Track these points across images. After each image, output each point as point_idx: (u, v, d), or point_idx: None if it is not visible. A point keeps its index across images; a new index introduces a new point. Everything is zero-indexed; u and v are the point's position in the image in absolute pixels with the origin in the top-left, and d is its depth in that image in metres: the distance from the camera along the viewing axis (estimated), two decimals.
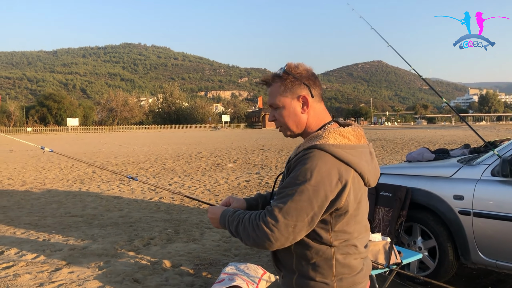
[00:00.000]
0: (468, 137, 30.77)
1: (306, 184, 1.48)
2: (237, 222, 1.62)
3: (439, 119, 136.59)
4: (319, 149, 1.54)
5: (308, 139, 1.65)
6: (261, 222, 1.52)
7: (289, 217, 1.48)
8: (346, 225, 1.60)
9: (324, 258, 1.60)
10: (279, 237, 1.50)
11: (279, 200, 1.53)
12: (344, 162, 1.54)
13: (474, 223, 3.80)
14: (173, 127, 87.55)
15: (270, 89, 1.72)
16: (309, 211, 1.49)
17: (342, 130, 1.62)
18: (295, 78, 1.66)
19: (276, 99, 1.69)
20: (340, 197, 1.52)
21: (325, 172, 1.50)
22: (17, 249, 5.64)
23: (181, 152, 22.75)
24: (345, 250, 1.62)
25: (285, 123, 1.70)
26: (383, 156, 18.35)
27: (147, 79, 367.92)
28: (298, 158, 1.57)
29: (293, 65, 1.69)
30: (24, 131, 69.07)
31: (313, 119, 1.69)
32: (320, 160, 1.51)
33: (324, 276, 1.60)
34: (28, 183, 11.98)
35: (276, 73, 1.71)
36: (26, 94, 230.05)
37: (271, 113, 1.75)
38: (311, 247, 1.60)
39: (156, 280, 4.44)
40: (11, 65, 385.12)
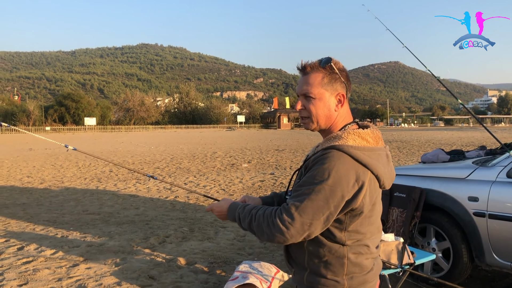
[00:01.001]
0: (486, 139, 30.33)
1: (323, 183, 1.50)
2: (250, 218, 1.64)
3: (456, 121, 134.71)
4: (337, 149, 1.55)
5: (327, 139, 1.66)
6: (277, 220, 1.53)
7: (305, 215, 1.50)
8: (360, 225, 1.61)
9: (336, 256, 1.61)
10: (294, 234, 1.52)
11: (295, 198, 1.55)
12: (362, 163, 1.55)
13: (489, 224, 3.78)
14: (188, 127, 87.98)
15: (308, 77, 1.68)
16: (325, 210, 1.51)
17: (362, 132, 1.63)
18: (338, 74, 1.66)
19: (314, 88, 1.66)
20: (356, 198, 1.54)
21: (343, 172, 1.51)
22: (37, 244, 5.77)
23: (197, 152, 22.88)
24: (357, 249, 1.64)
25: (316, 115, 1.68)
26: (399, 157, 18.22)
27: (164, 79, 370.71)
28: (316, 158, 1.58)
29: (336, 61, 1.68)
30: (43, 130, 70.12)
31: (340, 119, 1.70)
32: (338, 160, 1.52)
33: (335, 274, 1.62)
34: (47, 181, 12.20)
35: (320, 63, 1.68)
36: (45, 94, 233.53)
37: (301, 102, 1.72)
38: (324, 245, 1.62)
39: (171, 277, 4.51)
40: (30, 65, 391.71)
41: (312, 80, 1.67)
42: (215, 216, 7.32)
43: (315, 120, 1.69)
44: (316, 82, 1.66)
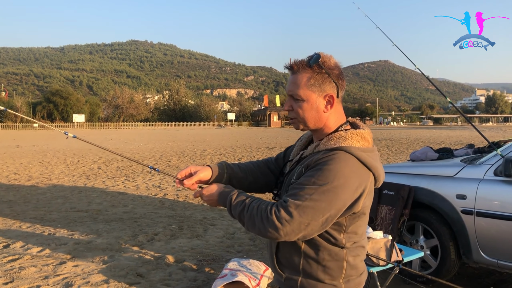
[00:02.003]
0: (474, 137, 30.62)
1: (327, 185, 1.44)
2: (242, 208, 1.55)
3: (445, 120, 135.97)
4: (345, 151, 1.50)
5: (329, 138, 1.58)
6: (273, 215, 1.45)
7: (304, 215, 1.43)
8: (358, 227, 1.59)
9: (336, 260, 1.56)
10: (289, 232, 1.45)
11: (296, 196, 1.46)
12: (366, 166, 1.51)
13: (477, 222, 3.81)
14: (178, 125, 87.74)
15: (295, 77, 1.59)
16: (325, 212, 1.45)
17: (364, 133, 1.58)
18: (327, 73, 1.56)
19: (300, 90, 1.58)
20: (358, 202, 1.49)
21: (348, 175, 1.46)
22: (23, 242, 5.70)
23: (186, 149, 22.81)
24: (356, 251, 1.60)
25: (303, 117, 1.61)
26: (388, 155, 18.32)
27: (153, 77, 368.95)
28: (320, 158, 1.51)
29: (326, 57, 1.58)
30: (31, 127, 69.42)
31: (333, 119, 1.63)
32: (345, 162, 1.47)
33: (333, 278, 1.57)
34: (34, 178, 12.07)
35: (307, 62, 1.58)
36: (33, 90, 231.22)
37: (289, 103, 1.64)
38: (323, 248, 1.56)
39: (160, 275, 4.49)
40: (18, 61, 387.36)
41: (299, 81, 1.58)
42: (204, 214, 7.33)
43: (302, 122, 1.63)
44: (302, 83, 1.57)
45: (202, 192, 1.72)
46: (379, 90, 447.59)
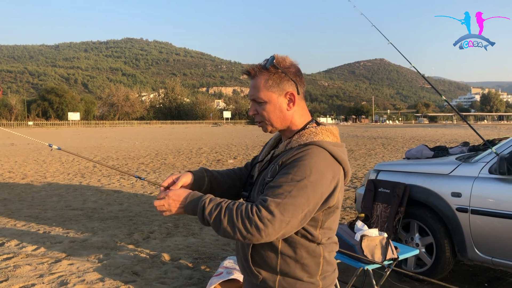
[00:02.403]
0: (469, 136, 30.75)
1: (305, 180, 1.45)
2: (219, 211, 1.48)
3: (440, 118, 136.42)
4: (317, 145, 1.53)
5: (300, 135, 1.60)
6: (255, 216, 1.42)
7: (285, 213, 1.42)
8: (332, 222, 1.60)
9: (313, 256, 1.57)
10: (271, 233, 1.42)
11: (275, 194, 1.45)
12: (337, 160, 1.54)
13: (471, 220, 3.83)
14: (174, 123, 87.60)
15: (254, 81, 1.62)
16: (304, 207, 1.45)
17: (332, 129, 1.63)
18: (283, 73, 1.60)
19: (261, 93, 1.61)
20: (333, 195, 1.52)
21: (323, 169, 1.49)
22: (18, 241, 5.68)
23: (182, 147, 22.78)
24: (330, 247, 1.63)
25: (269, 118, 1.63)
26: (384, 154, 18.38)
27: (149, 74, 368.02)
28: (294, 154, 1.53)
29: (280, 58, 1.62)
30: (26, 125, 69.11)
31: (298, 116, 1.65)
32: (318, 156, 1.50)
33: (311, 275, 1.57)
34: (29, 176, 12.02)
35: (263, 65, 1.62)
36: (27, 88, 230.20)
37: (253, 107, 1.66)
38: (301, 246, 1.56)
39: (155, 273, 4.48)
40: (12, 58, 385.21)
41: (258, 84, 1.61)
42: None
43: (269, 123, 1.65)
44: (261, 86, 1.60)
45: (168, 194, 1.57)
46: (374, 88, 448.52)
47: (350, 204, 7.91)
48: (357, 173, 12.14)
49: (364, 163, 14.77)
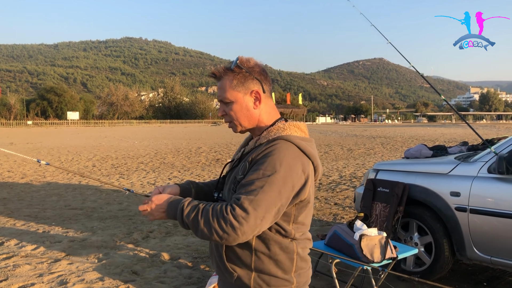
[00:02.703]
0: (468, 135, 30.78)
1: (276, 175, 1.46)
2: (196, 213, 1.49)
3: (439, 117, 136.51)
4: (285, 139, 1.55)
5: (268, 131, 1.63)
6: (229, 215, 1.42)
7: (259, 209, 1.42)
8: (305, 217, 1.61)
9: (287, 252, 1.57)
10: (246, 231, 1.42)
11: (247, 192, 1.46)
12: (306, 154, 1.56)
13: (470, 219, 3.84)
14: (173, 122, 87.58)
15: (221, 83, 1.66)
16: (277, 202, 1.46)
17: (300, 124, 1.65)
18: (247, 72, 1.63)
19: (227, 93, 1.64)
20: (304, 188, 1.53)
21: (292, 163, 1.50)
22: (17, 240, 5.68)
23: (181, 147, 22.77)
24: (303, 243, 1.63)
25: (237, 118, 1.66)
26: (383, 153, 18.39)
27: (148, 74, 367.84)
28: (263, 150, 1.54)
29: (244, 59, 1.65)
30: (25, 124, 69.06)
31: (265, 114, 1.68)
32: (287, 150, 1.52)
33: (286, 272, 1.58)
34: (28, 175, 12.02)
35: (227, 67, 1.66)
36: (26, 87, 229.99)
37: (221, 108, 1.69)
38: (274, 242, 1.56)
39: (155, 272, 4.49)
40: (11, 58, 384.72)
41: (224, 85, 1.64)
42: None
43: (237, 123, 1.67)
44: (227, 86, 1.63)
45: (151, 199, 1.62)
46: (373, 87, 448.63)
47: (349, 204, 7.92)
48: (356, 172, 12.15)
49: (363, 162, 14.78)
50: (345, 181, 10.53)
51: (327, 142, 26.47)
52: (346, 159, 15.94)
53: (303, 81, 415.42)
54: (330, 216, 7.04)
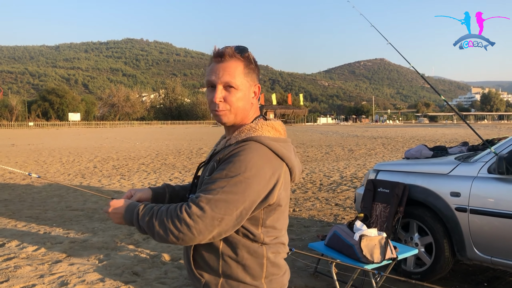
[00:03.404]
0: (469, 135, 30.75)
1: (239, 176, 1.38)
2: (150, 216, 1.43)
3: (441, 118, 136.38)
4: (255, 141, 1.46)
5: (240, 131, 1.54)
6: (184, 213, 1.36)
7: (217, 209, 1.36)
8: (276, 221, 1.52)
9: (255, 257, 1.49)
10: (202, 230, 1.35)
11: (207, 191, 1.40)
12: (278, 155, 1.48)
13: (470, 219, 3.84)
14: (174, 123, 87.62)
15: (227, 65, 1.51)
16: (239, 204, 1.38)
17: (274, 123, 1.56)
18: (254, 65, 1.56)
19: (237, 78, 1.51)
20: (272, 192, 1.44)
21: (260, 165, 1.42)
22: (18, 241, 5.69)
23: (182, 148, 22.79)
24: (275, 248, 1.54)
25: (237, 107, 1.53)
26: (384, 153, 18.38)
27: (149, 75, 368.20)
28: (231, 150, 1.46)
29: (250, 52, 1.57)
30: (26, 126, 69.16)
31: (252, 112, 1.60)
32: (256, 152, 1.43)
33: (255, 278, 1.49)
34: (30, 176, 12.03)
35: (241, 49, 1.54)
36: (28, 89, 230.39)
37: (220, 93, 1.51)
38: (242, 246, 1.48)
39: (155, 273, 4.49)
40: (13, 59, 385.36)
41: (233, 69, 1.50)
42: None
43: (234, 112, 1.53)
44: (238, 71, 1.51)
45: (109, 203, 1.57)
46: (375, 88, 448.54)
47: (350, 204, 7.92)
48: (357, 173, 12.15)
49: (364, 163, 14.78)
50: (346, 182, 10.52)
51: (328, 142, 26.47)
52: (347, 160, 15.93)
53: (304, 81, 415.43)
54: (330, 217, 7.04)
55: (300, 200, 8.39)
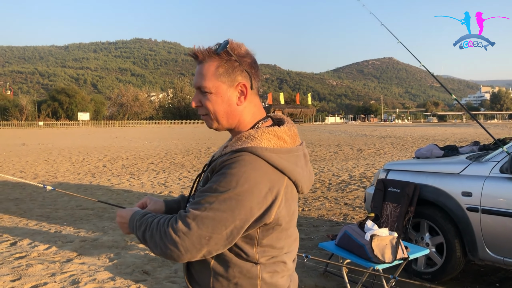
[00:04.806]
0: (479, 135, 30.51)
1: (229, 192, 1.24)
2: (145, 227, 1.35)
3: (450, 117, 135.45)
4: (250, 152, 1.29)
5: (238, 138, 1.38)
6: (170, 229, 1.27)
7: (204, 227, 1.24)
8: (275, 240, 1.37)
9: (248, 277, 1.35)
10: (189, 248, 1.25)
11: (195, 205, 1.28)
12: (278, 169, 1.31)
13: (482, 220, 3.81)
14: (183, 123, 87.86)
15: (202, 67, 1.39)
16: (228, 224, 1.25)
17: (278, 130, 1.37)
18: (237, 61, 1.37)
19: (207, 81, 1.37)
20: (269, 211, 1.29)
21: (254, 180, 1.26)
22: (30, 240, 5.74)
23: (191, 147, 22.85)
24: (273, 267, 1.38)
25: (214, 112, 1.40)
26: (393, 153, 18.30)
27: (158, 75, 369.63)
28: (224, 161, 1.31)
29: (235, 44, 1.38)
30: (36, 125, 69.72)
31: (248, 115, 1.42)
32: (250, 165, 1.27)
33: None
34: (40, 176, 12.13)
35: (214, 49, 1.38)
36: (37, 89, 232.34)
37: (196, 97, 1.42)
38: (233, 264, 1.35)
39: (165, 272, 4.51)
40: (23, 59, 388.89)
41: (205, 71, 1.37)
42: None
43: (214, 118, 1.41)
44: (210, 73, 1.37)
45: (117, 214, 1.51)
46: (383, 87, 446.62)
47: (359, 204, 7.89)
48: (366, 172, 12.11)
49: (373, 162, 14.72)
50: (355, 181, 10.49)
51: (337, 142, 26.40)
52: (356, 159, 15.88)
53: (312, 81, 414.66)
54: (340, 217, 7.02)
55: (309, 199, 8.38)
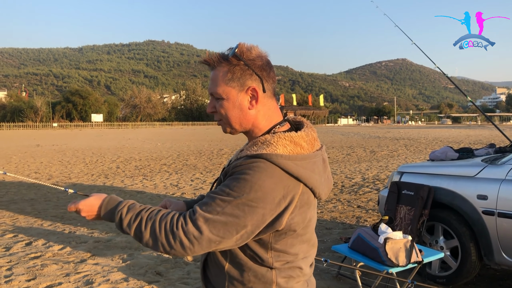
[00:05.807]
0: (494, 137, 30.12)
1: (243, 198, 1.24)
2: (139, 222, 1.31)
3: (464, 119, 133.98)
4: (265, 159, 1.28)
5: (254, 143, 1.37)
6: (180, 230, 1.25)
7: (215, 231, 1.24)
8: (289, 246, 1.36)
9: (263, 282, 1.35)
10: (197, 251, 1.26)
11: (207, 207, 1.27)
12: (294, 176, 1.29)
13: (498, 223, 3.75)
14: (195, 124, 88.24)
15: (214, 73, 1.40)
16: (240, 229, 1.25)
17: (294, 136, 1.34)
18: (246, 65, 1.36)
19: (218, 87, 1.38)
20: (280, 218, 1.28)
21: (269, 187, 1.25)
22: (44, 240, 5.81)
23: (203, 148, 22.92)
24: (288, 273, 1.37)
25: (227, 117, 1.40)
26: (407, 155, 18.15)
27: (170, 76, 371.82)
28: (239, 165, 1.30)
29: (245, 48, 1.37)
30: (50, 127, 70.55)
31: (263, 118, 1.41)
32: (264, 172, 1.26)
33: None
34: (54, 177, 12.27)
35: (223, 55, 1.39)
36: (52, 90, 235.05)
37: (211, 103, 1.43)
38: (248, 269, 1.35)
39: (178, 274, 4.52)
40: (38, 61, 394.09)
41: (216, 77, 1.39)
42: None
43: (227, 123, 1.42)
44: (220, 79, 1.37)
45: (78, 206, 1.41)
46: (396, 88, 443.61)
47: (373, 206, 7.84)
48: (380, 174, 12.02)
49: (387, 164, 14.62)
50: (368, 184, 10.42)
51: (349, 143, 26.27)
52: (369, 161, 15.78)
53: (325, 82, 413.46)
54: (353, 219, 6.98)
55: (321, 201, 8.35)
